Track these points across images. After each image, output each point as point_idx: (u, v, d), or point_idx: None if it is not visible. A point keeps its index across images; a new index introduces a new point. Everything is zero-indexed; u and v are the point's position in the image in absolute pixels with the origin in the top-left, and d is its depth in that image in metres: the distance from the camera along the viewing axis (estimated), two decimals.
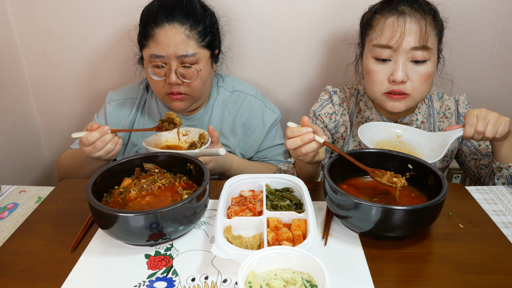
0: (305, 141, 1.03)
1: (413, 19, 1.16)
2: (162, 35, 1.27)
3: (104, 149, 1.16)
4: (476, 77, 1.70)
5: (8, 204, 1.11)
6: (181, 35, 1.28)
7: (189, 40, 1.28)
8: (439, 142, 1.16)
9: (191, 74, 1.31)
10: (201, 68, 1.32)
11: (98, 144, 1.15)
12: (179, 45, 1.27)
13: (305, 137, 1.03)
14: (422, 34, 1.16)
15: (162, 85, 1.33)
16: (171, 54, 1.27)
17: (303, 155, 1.06)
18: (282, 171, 1.32)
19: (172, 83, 1.30)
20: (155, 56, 1.29)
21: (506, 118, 1.10)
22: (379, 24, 1.21)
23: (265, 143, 1.50)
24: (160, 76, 1.32)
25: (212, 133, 1.22)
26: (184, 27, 1.28)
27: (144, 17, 1.33)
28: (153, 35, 1.29)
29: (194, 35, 1.29)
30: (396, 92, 1.21)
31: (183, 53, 1.28)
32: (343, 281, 0.81)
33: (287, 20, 1.61)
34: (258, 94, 1.51)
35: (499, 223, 0.99)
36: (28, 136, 1.81)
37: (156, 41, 1.28)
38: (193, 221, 0.92)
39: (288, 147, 1.05)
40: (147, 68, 1.33)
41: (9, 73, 1.66)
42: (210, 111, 1.48)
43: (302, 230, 0.90)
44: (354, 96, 1.42)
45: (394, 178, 0.99)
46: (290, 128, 1.06)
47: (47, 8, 1.62)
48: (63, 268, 0.85)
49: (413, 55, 1.18)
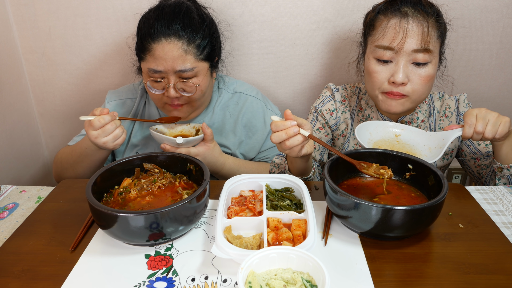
0: (289, 134, 1.02)
1: (415, 21, 1.16)
2: (159, 50, 1.23)
3: (113, 134, 1.17)
4: (476, 77, 1.70)
5: (8, 204, 1.11)
6: (179, 50, 1.23)
7: (187, 54, 1.25)
8: (437, 142, 1.15)
9: (190, 88, 1.29)
10: (200, 82, 1.29)
11: (108, 127, 1.15)
12: (177, 60, 1.24)
13: (289, 130, 1.02)
14: (424, 37, 1.16)
15: (161, 97, 1.32)
16: (169, 69, 1.24)
17: (289, 149, 1.05)
18: (276, 164, 1.31)
19: (171, 97, 1.29)
20: (153, 70, 1.26)
21: (506, 118, 1.09)
22: (381, 25, 1.21)
23: (267, 143, 1.50)
24: (159, 90, 1.30)
25: (204, 130, 1.22)
26: (182, 42, 1.24)
27: (141, 29, 1.29)
28: (150, 49, 1.25)
29: (192, 49, 1.25)
30: (395, 94, 1.21)
31: (181, 68, 1.25)
32: (343, 281, 0.81)
33: (287, 20, 1.61)
34: (259, 95, 1.51)
35: (499, 223, 0.99)
36: (28, 136, 1.81)
37: (154, 55, 1.25)
38: (193, 221, 0.92)
39: (273, 141, 1.04)
40: (145, 82, 1.31)
41: (9, 73, 1.66)
42: (211, 113, 1.47)
43: (302, 230, 0.90)
44: (356, 94, 1.43)
45: (381, 169, 0.99)
46: (274, 122, 1.05)
47: (47, 8, 1.62)
48: (63, 268, 0.85)
49: (414, 57, 1.18)
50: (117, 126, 1.18)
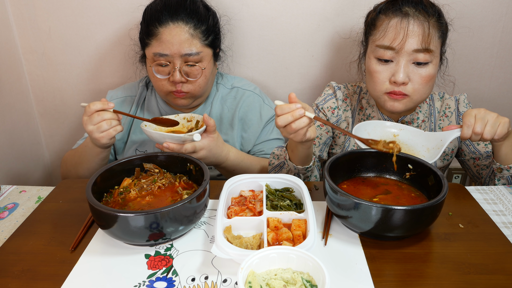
0: (295, 116, 1.01)
1: (416, 21, 1.17)
2: (166, 33, 1.27)
3: (98, 125, 1.15)
4: (476, 77, 1.70)
5: (8, 204, 1.11)
6: (186, 34, 1.28)
7: (193, 39, 1.29)
8: (436, 142, 1.15)
9: (195, 72, 1.32)
10: (205, 66, 1.32)
11: (95, 117, 1.14)
12: (184, 44, 1.28)
13: (295, 112, 1.01)
14: (425, 37, 1.16)
15: (166, 83, 1.33)
16: (175, 52, 1.28)
17: (294, 132, 1.04)
18: (275, 155, 1.31)
19: (176, 81, 1.30)
20: (159, 54, 1.29)
21: (505, 118, 1.09)
22: (382, 24, 1.21)
23: (262, 136, 1.50)
24: (164, 75, 1.32)
25: (206, 121, 1.20)
26: (189, 26, 1.29)
27: (147, 15, 1.33)
28: (156, 34, 1.29)
29: (198, 34, 1.30)
30: (397, 93, 1.21)
31: (188, 52, 1.28)
32: (343, 281, 0.81)
33: (287, 20, 1.61)
34: (256, 90, 1.52)
35: (499, 223, 0.99)
36: (28, 136, 1.81)
37: (160, 39, 1.28)
38: (193, 221, 0.92)
39: (279, 124, 1.03)
40: (150, 67, 1.33)
41: (9, 73, 1.66)
42: (209, 107, 1.48)
43: (302, 230, 0.90)
44: (357, 93, 1.43)
45: (390, 144, 1.00)
46: (279, 106, 1.04)
47: (47, 8, 1.62)
48: (63, 268, 0.85)
49: (415, 57, 1.18)
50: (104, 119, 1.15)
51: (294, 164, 1.21)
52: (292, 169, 1.23)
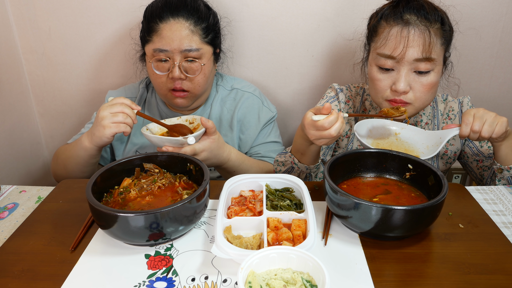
0: (343, 121, 1.07)
1: (417, 30, 1.15)
2: (166, 29, 1.28)
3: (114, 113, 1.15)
4: (476, 77, 1.70)
5: (8, 204, 1.11)
6: (186, 30, 1.29)
7: (194, 35, 1.30)
8: (435, 140, 1.16)
9: (194, 68, 1.32)
10: (205, 63, 1.33)
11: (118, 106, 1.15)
12: (184, 40, 1.29)
13: (339, 116, 1.06)
14: (426, 46, 1.15)
15: (165, 80, 1.33)
16: (175, 48, 1.28)
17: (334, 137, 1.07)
18: (280, 162, 1.31)
19: (176, 77, 1.30)
20: (159, 50, 1.30)
21: (503, 118, 1.09)
22: (383, 32, 1.20)
23: (259, 139, 1.50)
24: (163, 71, 1.32)
25: (204, 124, 1.19)
26: (189, 23, 1.30)
27: (148, 13, 1.34)
28: (157, 30, 1.30)
29: (198, 31, 1.31)
30: (398, 101, 1.21)
31: (187, 48, 1.29)
32: (343, 281, 0.81)
33: (287, 20, 1.61)
34: (256, 92, 1.52)
35: (499, 223, 0.99)
36: (28, 136, 1.81)
37: (161, 35, 1.29)
38: (193, 221, 0.92)
39: (333, 135, 1.05)
40: (149, 63, 1.33)
41: (9, 73, 1.66)
42: (209, 109, 1.48)
43: (302, 230, 0.90)
44: (360, 95, 1.43)
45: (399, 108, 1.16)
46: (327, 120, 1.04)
47: (47, 8, 1.62)
48: (63, 268, 0.85)
49: (416, 66, 1.17)
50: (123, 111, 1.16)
51: (306, 165, 1.23)
52: (304, 170, 1.25)
